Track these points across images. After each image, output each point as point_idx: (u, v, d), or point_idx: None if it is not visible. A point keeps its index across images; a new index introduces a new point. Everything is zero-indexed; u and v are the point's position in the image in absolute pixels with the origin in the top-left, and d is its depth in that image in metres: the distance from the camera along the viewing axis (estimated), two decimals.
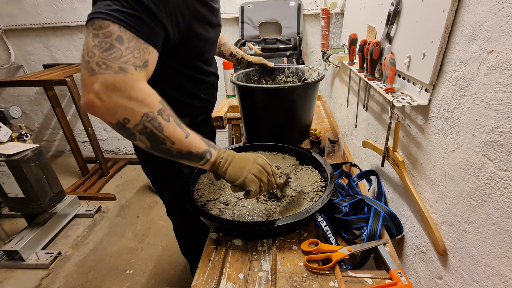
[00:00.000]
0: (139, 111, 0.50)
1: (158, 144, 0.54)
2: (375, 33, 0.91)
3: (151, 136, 0.52)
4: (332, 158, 1.11)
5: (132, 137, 0.52)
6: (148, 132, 0.52)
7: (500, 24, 0.43)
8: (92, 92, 0.47)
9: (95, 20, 0.49)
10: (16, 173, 1.44)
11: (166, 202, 1.03)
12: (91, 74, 0.47)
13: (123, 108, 0.49)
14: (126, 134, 0.52)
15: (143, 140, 0.53)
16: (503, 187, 0.44)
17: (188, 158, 0.58)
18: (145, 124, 0.51)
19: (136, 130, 0.51)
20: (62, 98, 2.55)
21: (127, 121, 0.50)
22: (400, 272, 0.59)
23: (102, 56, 0.48)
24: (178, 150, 0.56)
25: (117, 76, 0.48)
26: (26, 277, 1.58)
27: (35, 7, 2.24)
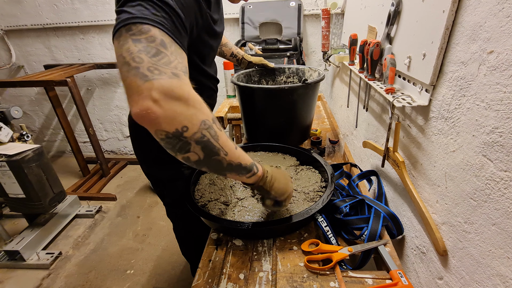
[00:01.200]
0: (198, 119, 0.47)
1: (211, 155, 0.51)
2: (375, 33, 0.91)
3: (207, 145, 0.49)
4: (332, 158, 1.11)
5: (186, 148, 0.48)
6: (205, 141, 0.49)
7: (500, 25, 0.43)
8: (149, 98, 0.43)
9: (131, 25, 0.46)
10: (17, 173, 1.45)
11: (166, 203, 1.03)
12: (145, 80, 0.44)
13: (183, 115, 0.46)
14: (179, 145, 0.48)
15: (197, 151, 0.49)
16: (503, 187, 0.44)
17: (237, 171, 0.56)
18: (203, 132, 0.48)
19: (193, 139, 0.48)
20: (63, 99, 2.55)
21: (186, 129, 0.46)
22: (401, 272, 0.59)
23: (152, 62, 0.45)
24: (229, 162, 0.53)
25: (172, 81, 0.45)
26: (27, 277, 1.58)
27: (36, 7, 2.25)
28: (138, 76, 0.44)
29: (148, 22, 0.46)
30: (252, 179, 0.59)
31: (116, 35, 0.47)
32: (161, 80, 0.44)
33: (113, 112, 2.66)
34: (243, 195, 0.80)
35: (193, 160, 0.51)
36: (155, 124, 0.45)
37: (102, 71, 2.46)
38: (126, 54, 0.45)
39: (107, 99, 2.60)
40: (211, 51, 0.80)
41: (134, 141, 0.94)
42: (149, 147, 0.90)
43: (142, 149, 0.93)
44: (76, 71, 2.14)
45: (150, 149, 0.90)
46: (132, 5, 0.48)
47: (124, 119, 2.68)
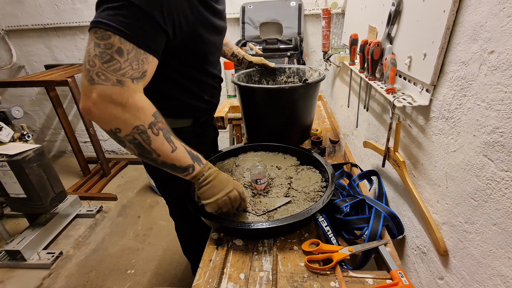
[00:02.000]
0: (131, 124, 0.54)
1: (145, 154, 0.58)
2: (376, 33, 0.91)
3: (139, 146, 0.57)
4: (333, 158, 1.11)
5: (122, 144, 0.57)
6: (136, 143, 0.56)
7: (501, 25, 0.43)
8: (90, 100, 0.51)
9: (97, 29, 0.51)
10: (18, 173, 1.45)
11: (169, 202, 1.04)
12: (91, 83, 0.51)
13: (117, 119, 0.53)
14: (117, 141, 0.57)
15: (132, 148, 0.57)
16: (504, 187, 0.44)
17: (171, 169, 0.63)
18: (135, 136, 0.55)
19: (126, 140, 0.55)
20: (63, 99, 2.56)
21: (118, 130, 0.54)
22: (401, 272, 0.59)
23: (102, 68, 0.51)
24: (162, 161, 0.60)
25: (114, 88, 0.51)
26: (28, 276, 1.58)
27: (36, 8, 2.25)
28: (87, 78, 0.51)
29: (111, 29, 0.51)
30: (187, 177, 0.66)
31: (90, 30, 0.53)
32: (104, 86, 0.51)
33: None
34: None
35: (131, 153, 0.60)
36: (94, 120, 0.53)
37: None
38: (86, 55, 0.52)
39: None
40: (211, 47, 0.79)
41: None
42: None
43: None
44: (77, 71, 2.14)
45: None
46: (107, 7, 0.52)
47: None
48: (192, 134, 0.90)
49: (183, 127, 0.88)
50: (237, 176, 0.88)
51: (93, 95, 0.51)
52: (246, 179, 0.86)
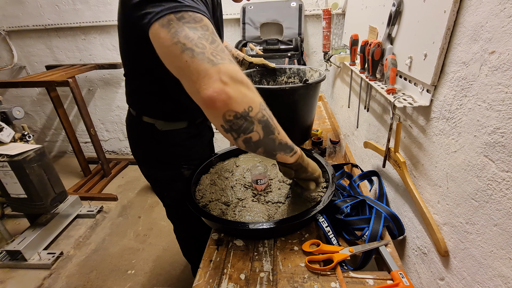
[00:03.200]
0: (257, 100, 0.51)
1: (269, 134, 0.54)
2: (376, 33, 0.91)
3: (267, 124, 0.53)
4: (333, 158, 1.11)
5: (250, 128, 0.51)
6: (265, 120, 0.52)
7: (502, 25, 0.43)
8: (219, 81, 0.46)
9: (183, 13, 0.48)
10: (18, 173, 1.45)
11: (166, 204, 1.03)
12: (212, 64, 0.46)
13: (247, 97, 0.49)
14: (245, 126, 0.51)
15: (259, 131, 0.52)
16: (505, 188, 0.44)
17: (284, 149, 0.59)
18: (263, 112, 0.52)
19: (256, 119, 0.51)
20: (64, 99, 2.56)
21: (251, 109, 0.49)
22: (402, 273, 0.59)
23: (212, 48, 0.47)
24: (280, 140, 0.57)
25: (234, 66, 0.48)
26: (28, 277, 1.58)
27: (38, 8, 2.26)
28: (205, 60, 0.46)
29: (198, 11, 0.49)
30: (294, 157, 0.62)
31: (163, 22, 0.48)
32: (226, 64, 0.47)
33: (114, 112, 2.67)
34: (243, 195, 0.80)
35: (254, 140, 0.53)
36: (226, 105, 0.47)
37: (103, 72, 2.47)
38: (186, 40, 0.46)
39: (109, 100, 2.61)
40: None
41: (133, 143, 0.93)
42: (148, 149, 0.89)
43: (141, 151, 0.92)
44: (77, 71, 2.15)
45: (150, 151, 0.89)
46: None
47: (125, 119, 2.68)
48: (188, 135, 0.89)
49: (179, 128, 0.87)
50: (238, 176, 0.88)
51: (221, 76, 0.46)
52: (247, 179, 0.86)
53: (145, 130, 0.85)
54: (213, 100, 0.46)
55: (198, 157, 0.93)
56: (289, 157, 0.62)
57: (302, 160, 0.65)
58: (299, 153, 0.64)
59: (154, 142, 0.87)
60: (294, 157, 0.63)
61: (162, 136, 0.85)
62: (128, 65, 0.79)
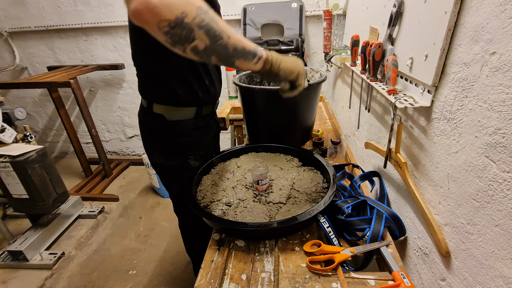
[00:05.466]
0: (193, 4, 0.49)
1: (216, 39, 0.52)
2: (377, 34, 0.91)
3: (209, 30, 0.50)
4: (334, 159, 1.11)
5: (191, 35, 0.49)
6: (206, 25, 0.50)
7: (503, 26, 0.43)
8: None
9: None
10: (20, 174, 1.46)
11: (173, 194, 1.05)
12: None
13: (178, 2, 0.47)
14: (184, 34, 0.49)
15: (202, 37, 0.50)
16: (506, 188, 0.44)
17: (243, 56, 0.56)
18: (202, 17, 0.49)
19: (195, 24, 0.49)
20: (66, 100, 2.57)
21: (185, 14, 0.47)
22: (403, 273, 0.59)
23: None
24: (234, 46, 0.54)
25: None
26: (30, 277, 1.59)
27: (39, 10, 2.27)
28: None
29: None
30: (259, 64, 0.59)
31: None
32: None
33: (116, 113, 2.67)
34: (245, 196, 0.80)
35: (201, 49, 0.51)
36: (155, 15, 0.45)
37: (104, 73, 2.48)
38: None
39: (110, 100, 2.62)
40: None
41: (144, 134, 0.97)
42: (158, 139, 0.93)
43: (151, 141, 0.96)
44: (79, 72, 2.15)
45: (159, 141, 0.93)
46: None
47: (126, 120, 2.69)
48: (195, 126, 0.93)
49: (186, 119, 0.90)
50: (239, 177, 0.88)
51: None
52: (248, 180, 0.86)
53: (155, 121, 0.90)
54: (139, 12, 0.45)
55: (204, 149, 0.96)
56: (252, 64, 0.58)
57: (270, 66, 0.61)
58: (265, 57, 0.60)
59: (164, 132, 0.91)
60: (259, 63, 0.59)
61: (171, 126, 0.89)
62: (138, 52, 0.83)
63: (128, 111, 2.64)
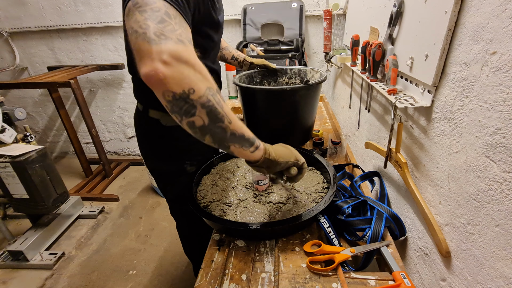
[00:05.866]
0: (204, 84, 0.49)
1: (216, 122, 0.52)
2: (377, 34, 0.91)
3: (212, 110, 0.51)
4: (334, 159, 1.11)
5: (192, 111, 0.50)
6: (210, 106, 0.50)
7: (503, 26, 0.43)
8: (158, 60, 0.45)
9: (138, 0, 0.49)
10: (20, 174, 1.46)
11: (169, 199, 1.04)
12: (153, 43, 0.46)
13: (189, 78, 0.48)
14: (185, 108, 0.49)
15: (203, 116, 0.51)
16: (506, 188, 0.44)
17: (240, 142, 0.56)
18: (209, 97, 0.50)
19: (199, 103, 0.49)
20: (66, 100, 2.57)
21: (192, 91, 0.48)
22: (403, 273, 0.59)
23: (158, 28, 0.47)
24: (232, 131, 0.54)
25: (179, 46, 0.47)
26: (30, 277, 1.59)
27: (39, 10, 2.27)
28: (146, 40, 0.46)
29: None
30: (256, 154, 0.59)
31: (126, 12, 0.50)
32: (168, 44, 0.46)
33: (116, 113, 2.67)
34: (245, 196, 0.80)
35: (198, 125, 0.52)
36: (163, 84, 0.46)
37: (105, 73, 2.48)
38: (134, 24, 0.47)
39: (110, 101, 2.62)
40: (211, 42, 0.80)
41: (139, 138, 0.96)
42: (154, 143, 0.92)
43: (147, 145, 0.95)
44: (79, 72, 2.15)
45: (155, 145, 0.92)
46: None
47: (126, 120, 2.70)
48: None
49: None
50: (239, 177, 0.88)
51: (161, 55, 0.45)
52: (248, 180, 0.86)
53: (151, 125, 0.88)
54: (149, 78, 0.46)
55: (201, 154, 0.95)
56: (249, 152, 0.58)
57: (269, 155, 0.61)
58: (263, 148, 0.60)
59: (159, 137, 0.89)
60: (257, 153, 0.59)
61: (167, 131, 0.88)
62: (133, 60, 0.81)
63: (128, 111, 2.64)
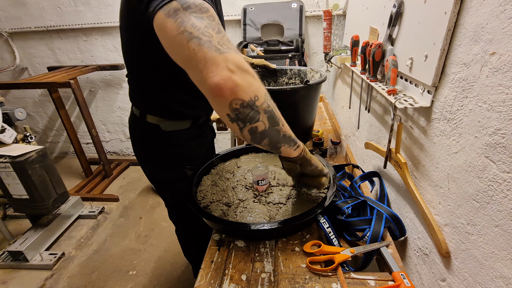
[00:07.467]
0: (262, 90, 0.51)
1: (274, 125, 0.54)
2: (377, 34, 0.91)
3: (272, 115, 0.53)
4: (334, 159, 1.11)
5: (256, 117, 0.51)
6: (270, 111, 0.52)
7: (502, 26, 0.43)
8: (226, 69, 0.46)
9: (190, 3, 0.48)
10: (20, 174, 1.46)
11: (168, 204, 1.03)
12: (219, 52, 0.46)
13: (253, 86, 0.49)
14: (251, 115, 0.50)
15: (264, 121, 0.52)
16: (506, 189, 0.44)
17: (288, 142, 0.60)
18: (268, 103, 0.52)
19: (262, 108, 0.51)
20: (66, 100, 2.57)
21: (257, 98, 0.50)
22: (403, 274, 0.59)
23: (218, 37, 0.48)
24: (284, 132, 0.57)
25: (239, 57, 0.48)
26: (30, 277, 1.59)
27: (39, 10, 2.27)
28: (212, 48, 0.46)
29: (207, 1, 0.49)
30: (297, 151, 0.63)
31: (169, 12, 0.49)
32: (232, 53, 0.47)
33: (116, 113, 2.68)
34: (245, 196, 0.80)
35: (259, 131, 0.53)
36: (233, 93, 0.47)
37: (105, 73, 2.48)
38: (193, 29, 0.47)
39: (110, 101, 2.62)
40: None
41: (136, 144, 0.93)
42: (152, 150, 0.90)
43: (145, 152, 0.93)
44: (79, 72, 2.16)
45: (154, 152, 0.90)
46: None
47: (126, 120, 2.70)
48: (191, 135, 0.90)
49: (182, 129, 0.87)
50: (239, 177, 0.88)
51: (228, 64, 0.46)
52: (248, 180, 0.86)
53: (149, 130, 0.86)
54: (220, 87, 0.46)
55: (201, 158, 0.94)
56: (292, 150, 0.62)
57: (305, 153, 0.65)
58: (302, 147, 0.64)
59: (158, 143, 0.87)
60: (298, 150, 0.63)
61: (166, 137, 0.86)
62: (132, 64, 0.80)
63: (128, 111, 2.62)
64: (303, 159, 0.65)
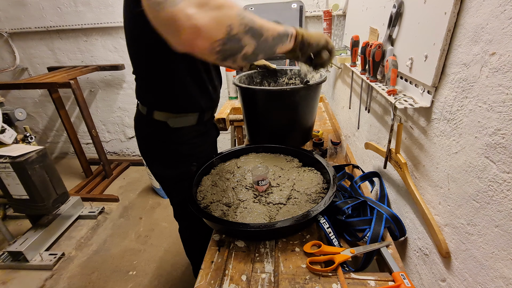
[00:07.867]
0: (232, 13, 0.48)
1: (260, 37, 0.53)
2: (377, 35, 0.91)
3: (253, 31, 0.51)
4: (334, 159, 1.11)
5: (241, 44, 0.49)
6: (249, 29, 0.50)
7: (502, 27, 0.43)
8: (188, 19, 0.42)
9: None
10: (20, 174, 1.46)
11: (174, 203, 1.04)
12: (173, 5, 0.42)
13: (220, 18, 0.46)
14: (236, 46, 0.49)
15: (249, 41, 0.51)
16: (506, 189, 0.44)
17: (280, 40, 0.58)
18: (242, 22, 0.49)
19: (241, 31, 0.49)
20: (66, 100, 2.57)
21: (231, 27, 0.47)
22: (403, 274, 0.59)
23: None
24: (272, 36, 0.55)
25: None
26: (30, 278, 1.59)
27: (40, 10, 2.27)
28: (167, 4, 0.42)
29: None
30: (292, 41, 0.61)
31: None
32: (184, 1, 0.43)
33: (116, 113, 2.68)
34: (245, 196, 0.80)
35: (251, 52, 0.52)
36: (208, 38, 0.45)
37: (105, 73, 2.48)
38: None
39: (110, 101, 2.62)
40: None
41: (142, 142, 0.95)
42: (158, 148, 0.91)
43: (151, 150, 0.94)
44: (79, 73, 2.16)
45: (160, 150, 0.91)
46: None
47: (126, 120, 2.70)
48: (197, 133, 0.92)
49: (188, 126, 0.89)
50: (239, 177, 0.88)
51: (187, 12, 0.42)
52: (248, 180, 0.86)
53: (155, 128, 0.87)
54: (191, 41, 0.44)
55: (205, 156, 0.96)
56: (288, 43, 0.60)
57: (301, 37, 0.62)
58: (294, 32, 0.61)
59: (164, 141, 0.89)
60: (293, 39, 0.61)
61: (172, 134, 0.87)
62: (138, 59, 0.81)
63: (128, 112, 2.65)
64: (300, 45, 0.63)
